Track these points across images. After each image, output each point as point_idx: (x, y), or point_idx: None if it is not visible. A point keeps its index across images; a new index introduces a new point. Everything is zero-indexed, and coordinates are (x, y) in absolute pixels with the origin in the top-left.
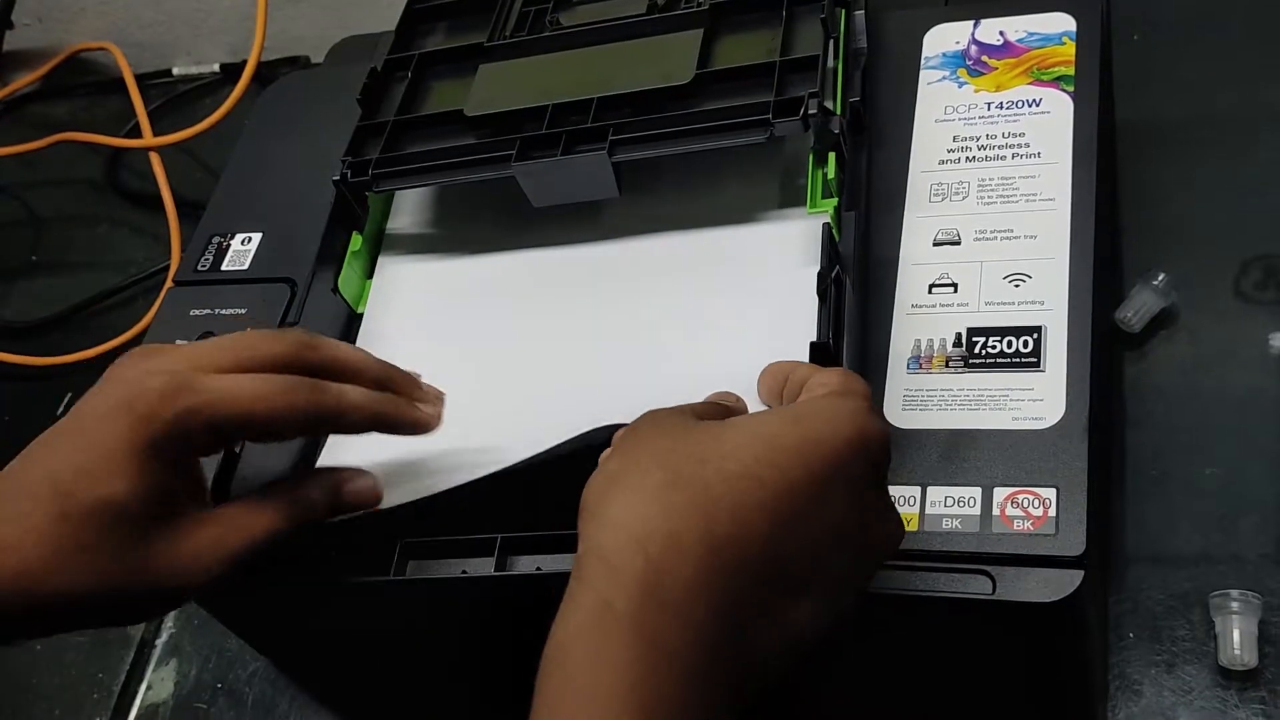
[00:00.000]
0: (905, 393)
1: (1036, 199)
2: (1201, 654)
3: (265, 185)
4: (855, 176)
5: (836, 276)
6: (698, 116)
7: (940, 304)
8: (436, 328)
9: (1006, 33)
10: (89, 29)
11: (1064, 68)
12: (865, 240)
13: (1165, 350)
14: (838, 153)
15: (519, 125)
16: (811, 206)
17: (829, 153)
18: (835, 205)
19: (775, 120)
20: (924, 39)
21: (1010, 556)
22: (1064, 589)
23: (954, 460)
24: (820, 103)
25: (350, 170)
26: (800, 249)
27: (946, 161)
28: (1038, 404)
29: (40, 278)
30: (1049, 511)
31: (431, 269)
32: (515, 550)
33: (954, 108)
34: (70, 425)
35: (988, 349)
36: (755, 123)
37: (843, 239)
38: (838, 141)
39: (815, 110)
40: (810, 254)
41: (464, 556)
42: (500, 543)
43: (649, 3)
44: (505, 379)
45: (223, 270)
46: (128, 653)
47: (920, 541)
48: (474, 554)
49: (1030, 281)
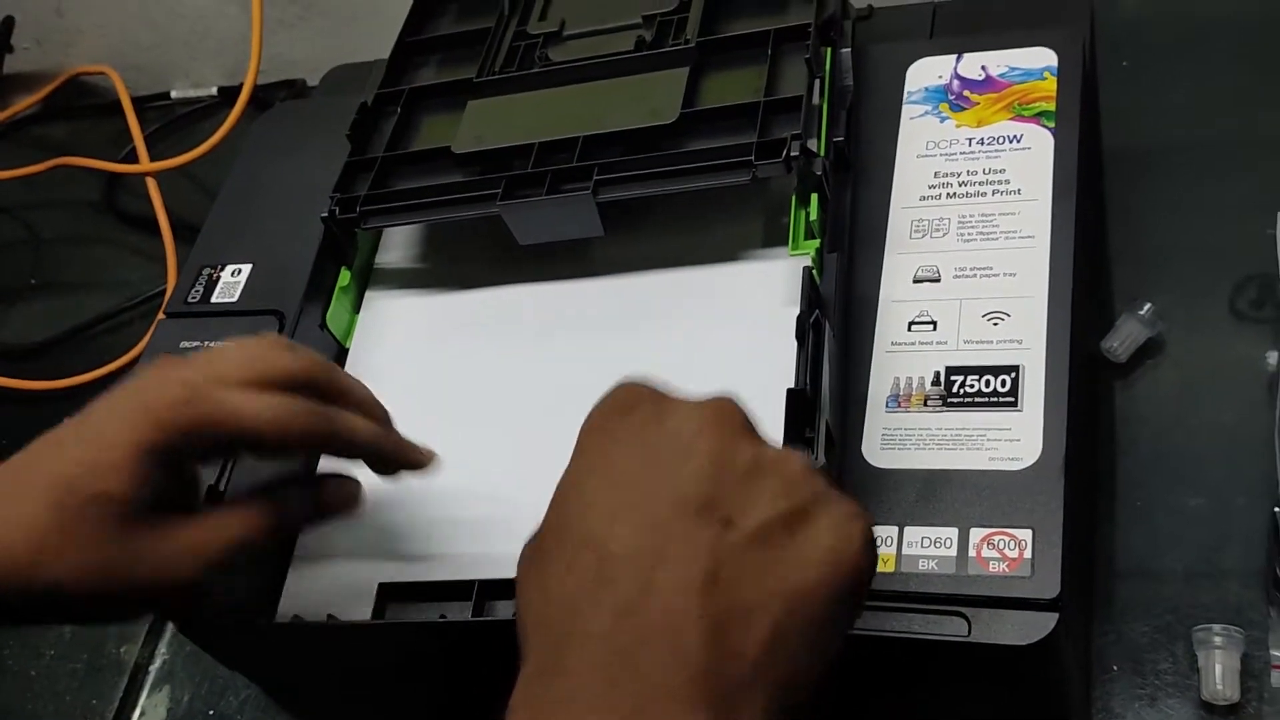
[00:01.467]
0: (884, 431)
1: (1016, 236)
2: (1185, 688)
3: (256, 217)
4: (839, 215)
5: (816, 320)
6: (682, 157)
7: (920, 342)
8: (422, 364)
9: (989, 67)
10: (88, 52)
11: (1045, 103)
12: (847, 279)
13: (1151, 379)
14: (820, 193)
15: (506, 163)
16: (793, 249)
17: (811, 194)
18: (817, 247)
19: (758, 162)
20: (907, 72)
21: (986, 599)
22: (1038, 632)
23: (931, 501)
24: (803, 144)
25: (339, 207)
26: (784, 289)
27: (927, 197)
28: (1014, 444)
29: (39, 300)
30: (1024, 553)
31: (418, 305)
32: (494, 595)
33: (935, 143)
34: (81, 421)
35: (966, 388)
36: (738, 164)
37: (824, 281)
38: (820, 182)
39: (798, 152)
40: (794, 294)
41: (442, 600)
42: (478, 586)
43: (637, 38)
44: (488, 417)
45: (212, 302)
46: (121, 679)
47: (897, 582)
48: (452, 598)
49: (1009, 320)
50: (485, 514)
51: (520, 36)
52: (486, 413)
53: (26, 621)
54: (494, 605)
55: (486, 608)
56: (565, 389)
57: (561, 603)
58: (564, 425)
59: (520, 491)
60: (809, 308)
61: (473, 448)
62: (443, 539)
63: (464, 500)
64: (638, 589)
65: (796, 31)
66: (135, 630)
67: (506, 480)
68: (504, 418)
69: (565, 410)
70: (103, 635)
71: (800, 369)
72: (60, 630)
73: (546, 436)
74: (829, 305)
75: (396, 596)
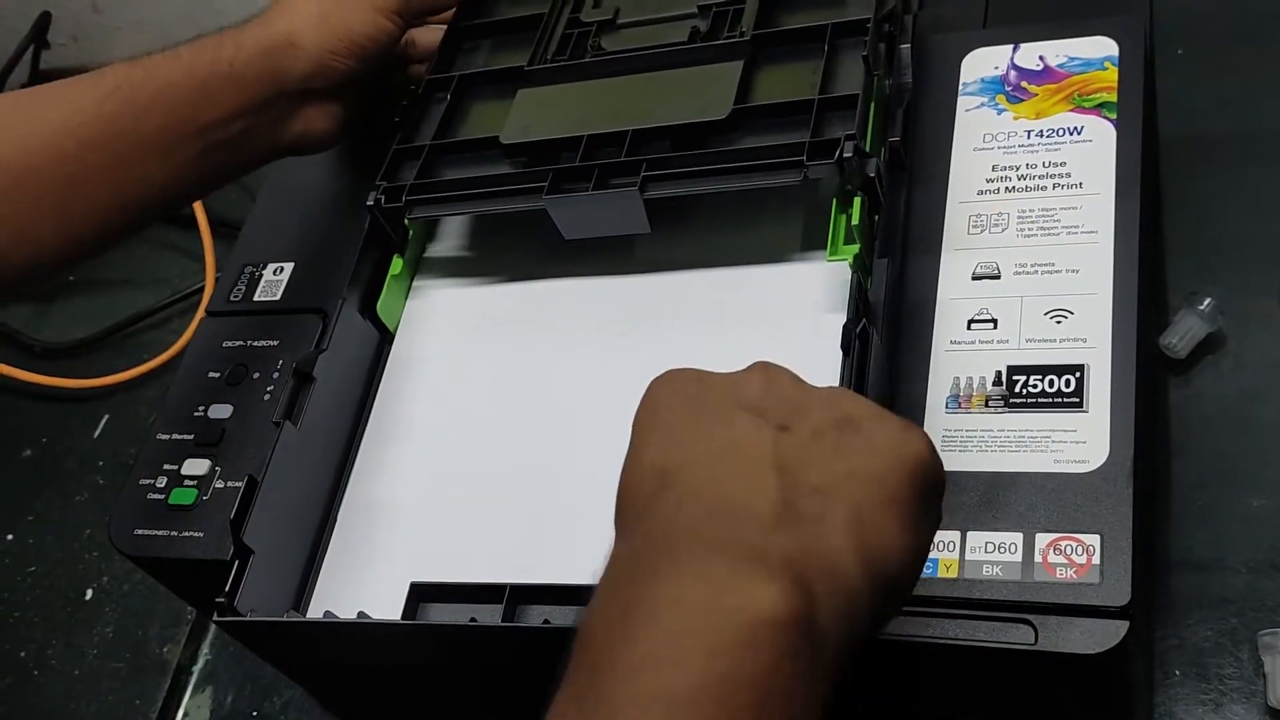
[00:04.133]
0: (944, 433)
1: (1078, 231)
2: (1250, 693)
3: (297, 214)
4: (892, 218)
5: (862, 330)
6: (731, 155)
7: (980, 340)
8: (463, 357)
9: (1047, 57)
10: (125, 49)
11: (1106, 94)
12: (901, 276)
13: (1211, 375)
14: (872, 195)
15: (554, 155)
16: (831, 254)
17: (855, 198)
18: (856, 252)
19: (809, 163)
20: (962, 63)
21: (1053, 606)
22: (1109, 640)
23: (994, 504)
24: (856, 144)
25: (384, 195)
26: (835, 292)
27: (985, 192)
28: (1080, 446)
29: (78, 298)
30: (1093, 559)
31: (462, 296)
32: (524, 599)
33: (993, 135)
34: None
35: (1029, 388)
36: (789, 164)
37: (874, 287)
38: (872, 184)
39: (850, 153)
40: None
41: (473, 602)
42: (509, 591)
43: (692, 29)
44: (524, 416)
45: (255, 301)
46: (164, 679)
47: (960, 589)
48: (483, 600)
49: (1072, 318)
50: (521, 513)
51: (573, 24)
52: (523, 411)
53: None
54: (524, 610)
55: (517, 612)
56: (603, 389)
57: (639, 530)
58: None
59: (558, 491)
60: (856, 316)
61: (508, 446)
62: (478, 538)
63: (501, 501)
64: (709, 487)
65: (854, 26)
66: (178, 631)
67: (545, 479)
68: (540, 416)
69: (601, 410)
70: (145, 636)
71: (844, 380)
72: (104, 630)
73: (582, 435)
74: (877, 313)
75: (427, 597)
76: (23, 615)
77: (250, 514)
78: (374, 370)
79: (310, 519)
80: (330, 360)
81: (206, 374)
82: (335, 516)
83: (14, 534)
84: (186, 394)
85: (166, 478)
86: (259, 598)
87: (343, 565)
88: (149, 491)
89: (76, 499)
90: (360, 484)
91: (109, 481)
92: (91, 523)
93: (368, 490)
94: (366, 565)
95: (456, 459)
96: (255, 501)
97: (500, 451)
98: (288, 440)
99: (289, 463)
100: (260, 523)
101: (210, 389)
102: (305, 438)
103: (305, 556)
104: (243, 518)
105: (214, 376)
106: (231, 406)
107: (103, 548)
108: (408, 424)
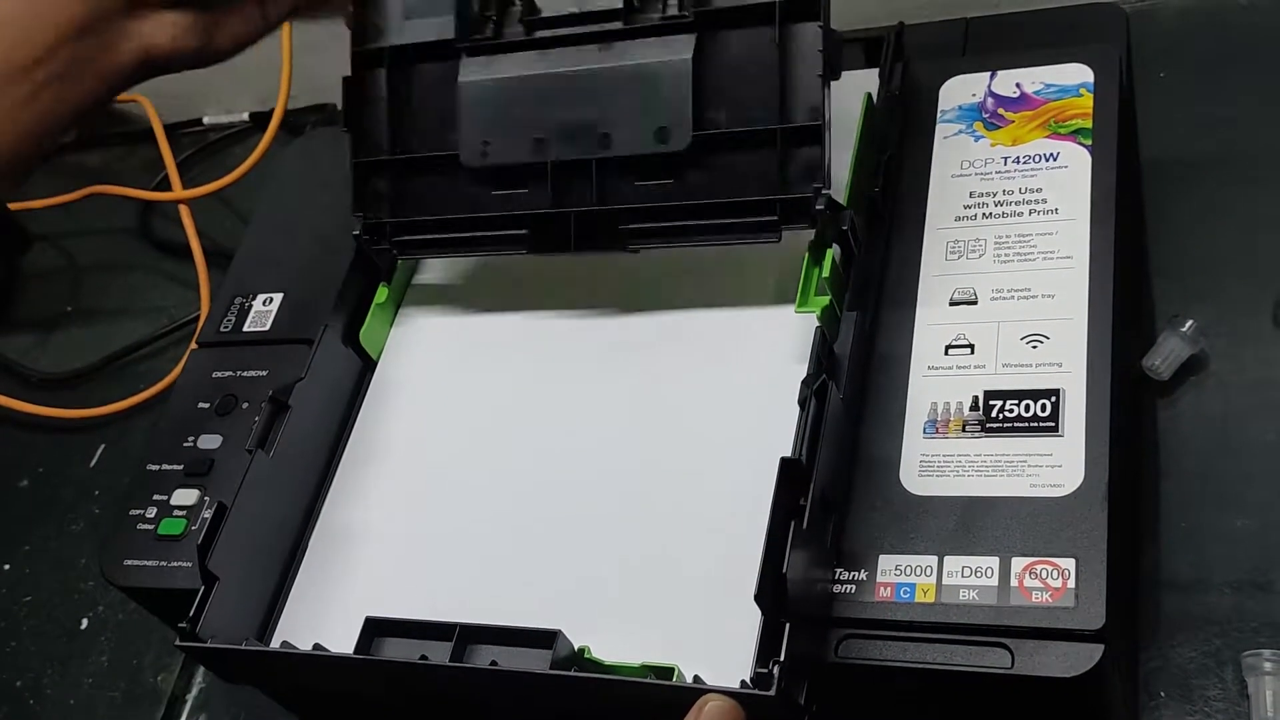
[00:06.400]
0: (922, 458)
1: (1054, 256)
2: (1235, 714)
3: (287, 245)
4: (867, 271)
5: (820, 385)
6: (703, 210)
7: (957, 365)
8: (445, 385)
9: (1023, 84)
10: None
11: (1081, 120)
12: (869, 340)
13: (1195, 397)
14: (845, 246)
15: (520, 179)
16: (800, 305)
17: (827, 250)
18: (826, 305)
19: (784, 227)
20: (940, 90)
21: (1029, 630)
22: (1084, 664)
23: (971, 529)
24: (829, 198)
25: (367, 234)
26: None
27: (963, 218)
28: (1056, 470)
29: (75, 328)
30: (1068, 583)
31: (448, 324)
32: (474, 639)
33: (970, 162)
34: None
35: (1005, 413)
36: (765, 224)
37: (839, 340)
38: (845, 236)
39: (823, 205)
40: None
41: (426, 639)
42: (459, 630)
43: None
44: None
45: (244, 331)
46: (158, 708)
47: (938, 613)
48: (434, 637)
49: (1048, 342)
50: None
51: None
52: (496, 445)
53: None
54: (474, 650)
55: (466, 652)
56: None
57: None
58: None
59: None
60: (818, 370)
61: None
62: (443, 572)
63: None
64: None
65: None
66: (172, 660)
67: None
68: (511, 452)
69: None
70: (140, 664)
71: (798, 436)
72: (99, 659)
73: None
74: (841, 366)
75: (382, 631)
76: (19, 644)
77: (217, 540)
78: (354, 398)
79: (282, 546)
80: (309, 388)
81: (196, 404)
82: (306, 544)
83: (10, 564)
84: (176, 424)
85: (156, 508)
86: (224, 623)
87: (309, 594)
88: (139, 522)
89: (72, 529)
90: (333, 512)
91: (105, 511)
92: (87, 552)
93: (339, 518)
94: (332, 595)
95: (430, 489)
96: (223, 528)
97: (472, 483)
98: (259, 468)
99: (261, 490)
100: (229, 549)
101: (200, 419)
102: (279, 465)
103: (274, 583)
104: (209, 544)
105: (204, 407)
106: (221, 437)
107: (98, 577)
108: (384, 452)
